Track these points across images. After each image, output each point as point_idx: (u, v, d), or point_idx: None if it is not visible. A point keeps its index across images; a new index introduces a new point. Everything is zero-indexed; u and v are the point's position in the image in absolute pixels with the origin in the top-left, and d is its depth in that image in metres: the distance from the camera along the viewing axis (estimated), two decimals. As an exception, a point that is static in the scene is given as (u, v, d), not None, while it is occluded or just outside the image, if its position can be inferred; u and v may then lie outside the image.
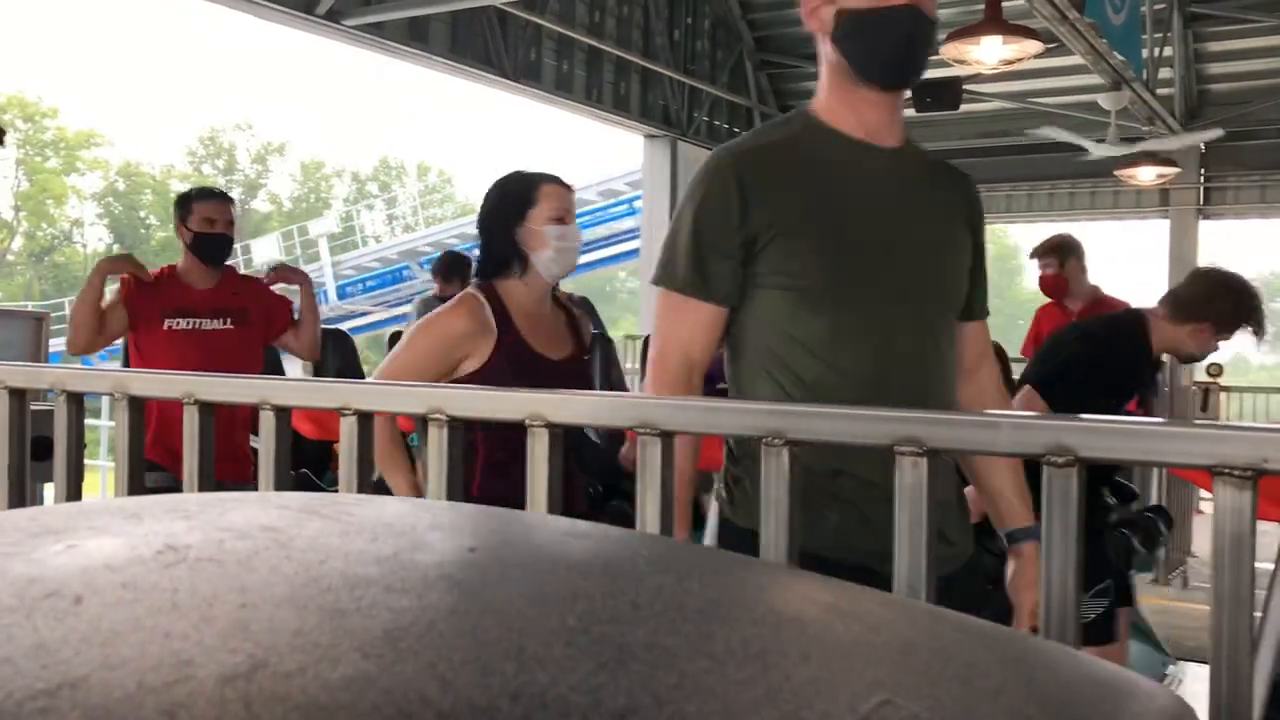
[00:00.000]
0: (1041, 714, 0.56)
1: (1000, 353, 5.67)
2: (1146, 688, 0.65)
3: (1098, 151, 8.83)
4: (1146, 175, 9.58)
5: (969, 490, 1.90)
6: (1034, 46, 6.40)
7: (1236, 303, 3.09)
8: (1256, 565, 1.19)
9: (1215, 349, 3.16)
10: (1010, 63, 6.59)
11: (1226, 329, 3.09)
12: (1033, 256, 5.74)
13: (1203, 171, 10.79)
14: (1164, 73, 9.64)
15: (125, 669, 0.45)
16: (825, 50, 1.83)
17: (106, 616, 0.50)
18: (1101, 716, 0.58)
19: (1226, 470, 1.14)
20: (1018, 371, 6.89)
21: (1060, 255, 5.52)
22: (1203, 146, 10.32)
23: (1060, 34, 6.91)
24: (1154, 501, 6.09)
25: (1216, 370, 8.79)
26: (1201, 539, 6.91)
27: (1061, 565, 1.26)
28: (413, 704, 0.45)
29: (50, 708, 0.42)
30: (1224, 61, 10.47)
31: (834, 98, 1.83)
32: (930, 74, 10.05)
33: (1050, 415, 1.29)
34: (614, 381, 5.32)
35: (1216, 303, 3.08)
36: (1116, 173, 9.70)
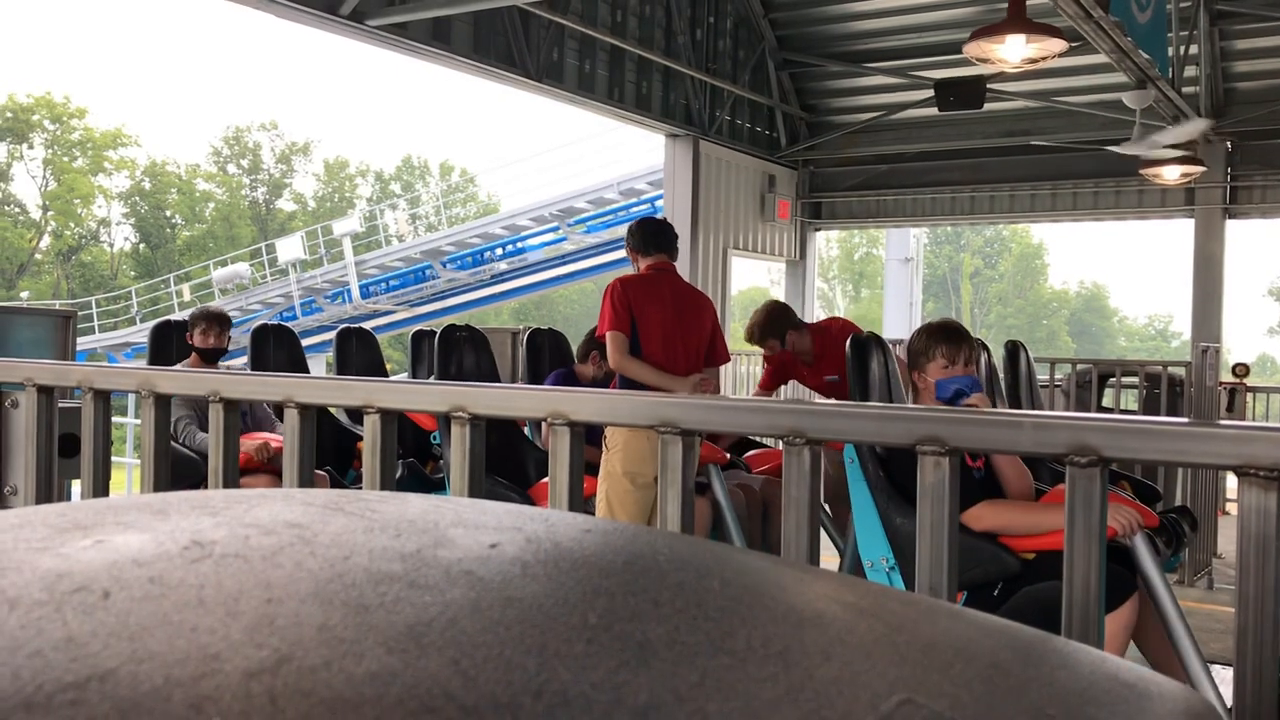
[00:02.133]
0: (1063, 713, 0.56)
1: (1020, 349, 5.65)
2: (1169, 688, 0.64)
3: (1125, 150, 8.75)
4: (1171, 174, 9.50)
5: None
6: (1058, 45, 6.35)
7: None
8: (1282, 567, 1.18)
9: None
10: (1034, 61, 6.54)
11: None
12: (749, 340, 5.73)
13: (1229, 170, 10.69)
14: (1189, 71, 9.56)
15: (153, 663, 0.46)
16: None
17: (134, 611, 0.50)
18: (1123, 716, 0.58)
19: (1252, 471, 1.13)
20: (1040, 370, 6.86)
21: (774, 336, 5.50)
22: (1228, 145, 10.22)
23: (1085, 32, 6.86)
24: (1178, 502, 6.04)
25: (1243, 370, 8.72)
26: (1227, 540, 6.84)
27: (1084, 565, 1.25)
28: (436, 699, 0.45)
29: (80, 700, 0.43)
30: (1250, 59, 10.37)
31: None
32: (953, 73, 10.03)
33: (1073, 415, 1.28)
34: None
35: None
36: (1141, 171, 9.63)
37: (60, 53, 57.64)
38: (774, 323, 5.42)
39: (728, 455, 4.57)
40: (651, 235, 4.50)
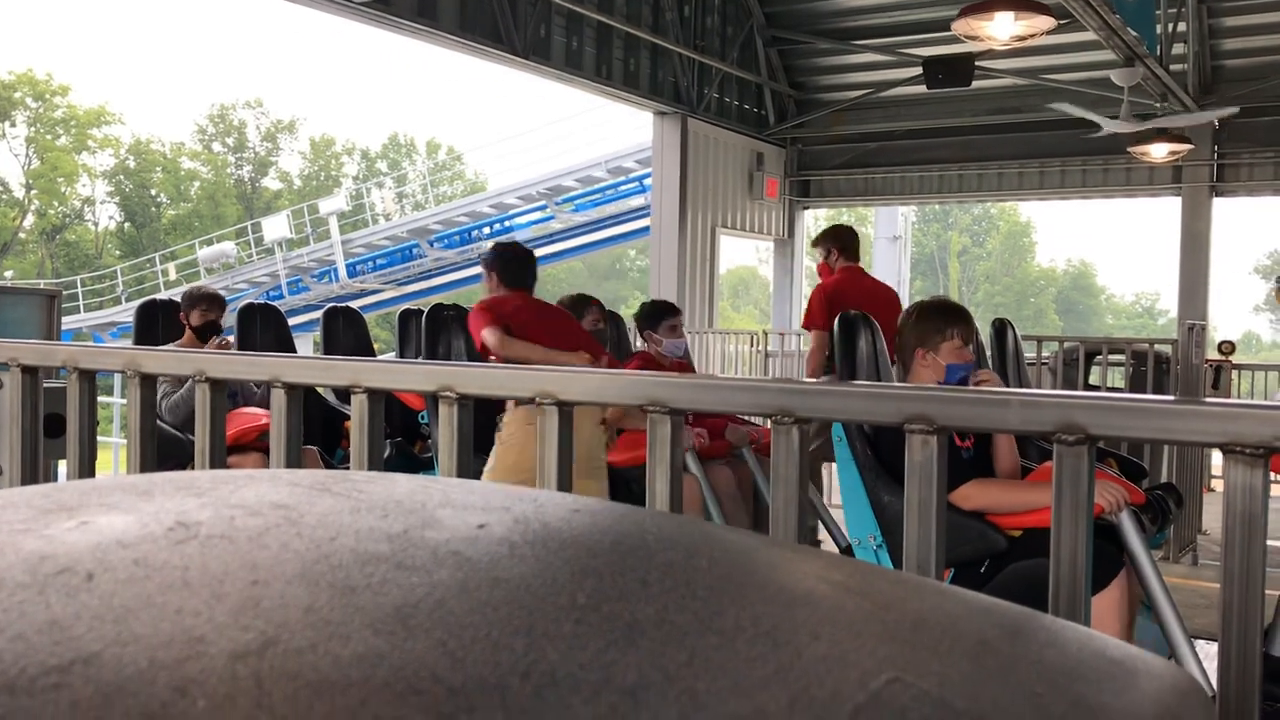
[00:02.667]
0: (1050, 691, 0.56)
1: (1007, 327, 5.68)
2: (1155, 665, 0.65)
3: (1111, 127, 8.76)
4: (1159, 152, 9.52)
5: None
6: (1046, 22, 6.35)
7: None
8: (1269, 543, 1.19)
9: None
10: (1022, 39, 6.54)
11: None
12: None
13: (1216, 148, 10.72)
14: (1177, 48, 9.56)
15: (137, 645, 0.46)
16: None
17: (118, 593, 0.50)
18: (1110, 693, 0.58)
19: (1238, 448, 1.14)
20: (1027, 349, 6.89)
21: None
22: (1216, 123, 10.24)
23: (1073, 9, 6.85)
24: (1164, 479, 6.08)
25: (1229, 348, 8.77)
26: (1212, 516, 6.89)
27: (1072, 543, 1.26)
28: (423, 680, 0.45)
29: (63, 684, 0.43)
30: (1238, 37, 10.38)
31: None
32: (942, 50, 10.01)
33: (1061, 393, 1.28)
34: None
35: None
36: (1129, 149, 9.64)
37: (42, 29, 57.08)
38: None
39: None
40: (515, 268, 4.62)
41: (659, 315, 5.23)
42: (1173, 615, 2.83)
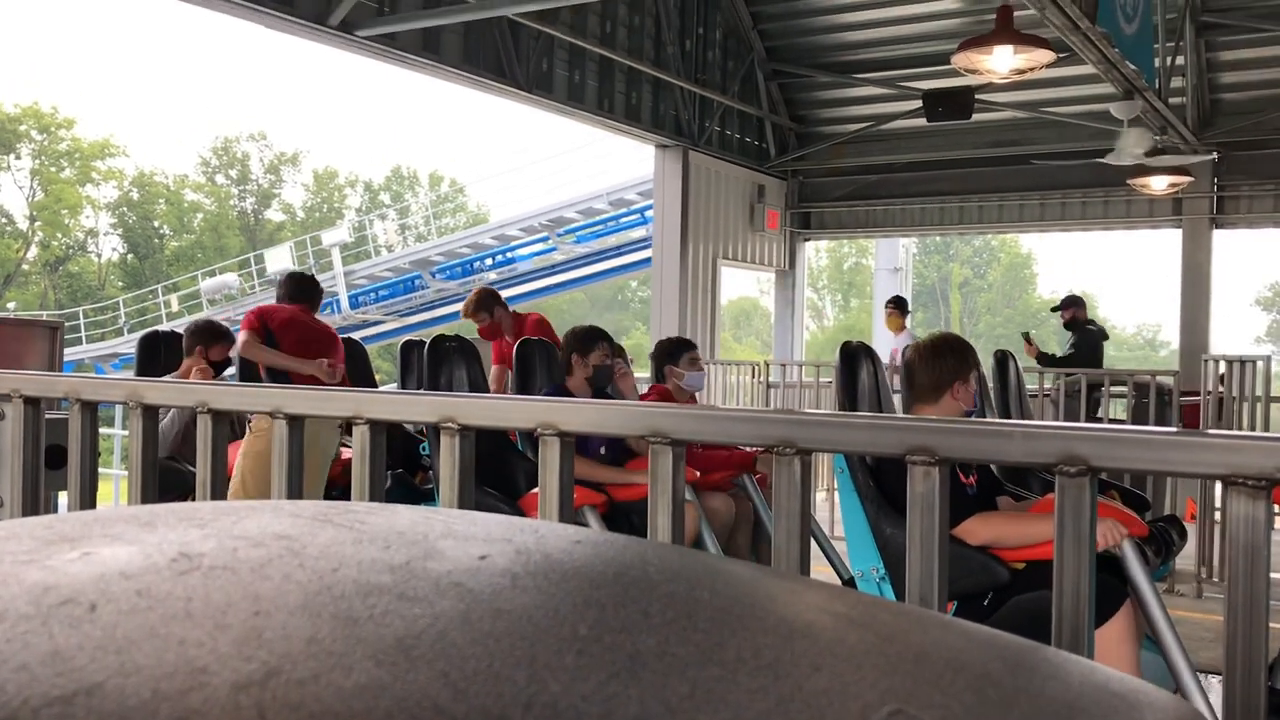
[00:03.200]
0: (1054, 724, 0.56)
1: (1009, 359, 5.68)
2: (1160, 698, 0.65)
3: (1119, 160, 8.80)
4: (1159, 184, 9.56)
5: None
6: (1046, 56, 6.40)
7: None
8: (1273, 575, 1.18)
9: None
10: (1022, 72, 6.59)
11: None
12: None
13: (1215, 180, 10.76)
14: (1176, 82, 9.62)
15: (140, 676, 0.46)
16: None
17: (121, 624, 0.50)
18: (1114, 727, 0.58)
19: (1240, 480, 1.13)
20: (1029, 380, 6.88)
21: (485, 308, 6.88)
22: (1215, 155, 10.29)
23: (1072, 43, 6.90)
24: (1167, 511, 6.05)
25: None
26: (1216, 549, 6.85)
27: (1074, 575, 1.26)
28: (425, 712, 0.45)
29: (66, 714, 0.43)
30: (1236, 71, 10.45)
31: None
32: (942, 83, 10.08)
33: (1062, 425, 1.28)
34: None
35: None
36: (1129, 182, 9.68)
37: (48, 63, 57.55)
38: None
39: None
40: (296, 287, 5.49)
41: (680, 350, 5.33)
42: (1177, 648, 2.81)
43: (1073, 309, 9.65)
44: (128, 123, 62.26)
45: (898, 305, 10.37)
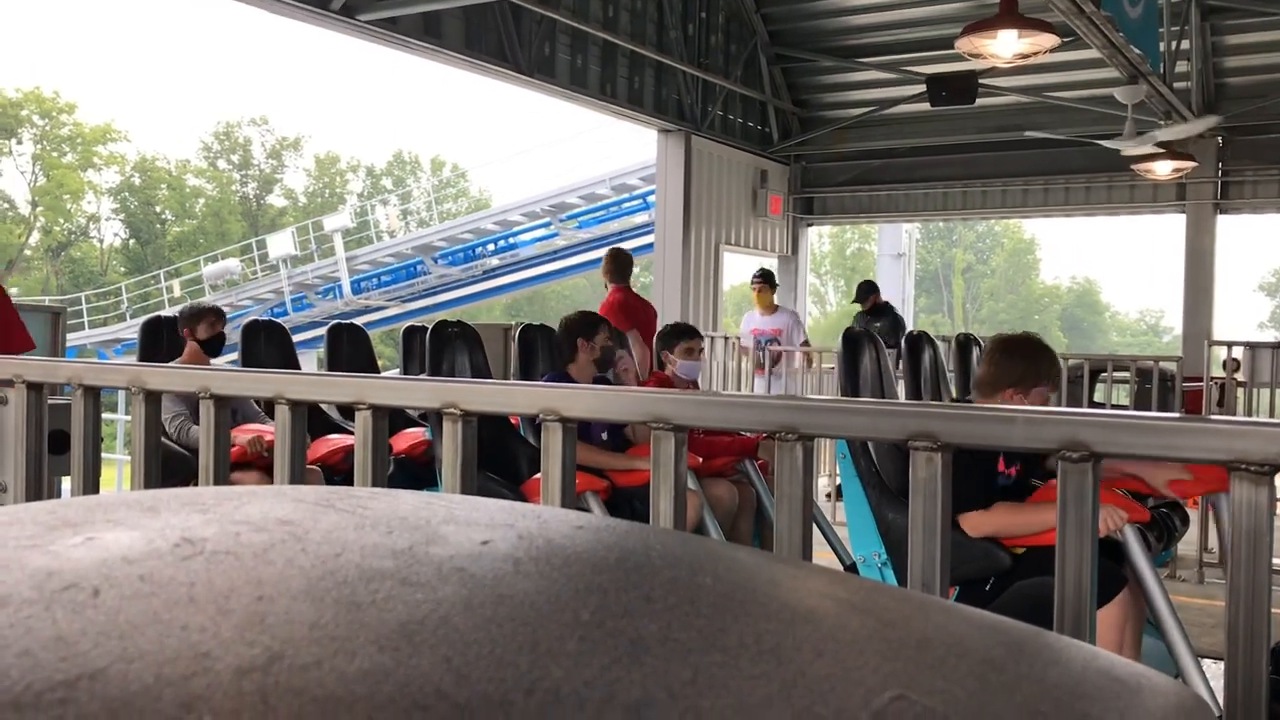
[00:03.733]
0: (1055, 709, 0.56)
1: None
2: (1161, 683, 0.65)
3: (1123, 149, 8.77)
4: (1163, 169, 9.53)
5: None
6: (1050, 40, 6.36)
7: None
8: (1276, 561, 1.18)
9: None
10: (1026, 56, 6.55)
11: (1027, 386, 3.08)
12: None
13: (1220, 165, 10.73)
14: (1181, 66, 9.58)
15: (143, 661, 0.46)
16: None
17: (124, 609, 0.50)
18: (1115, 712, 0.58)
19: (1243, 466, 1.13)
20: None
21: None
22: (1219, 140, 10.25)
23: (1076, 27, 6.87)
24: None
25: (1233, 365, 8.76)
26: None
27: (1077, 561, 1.26)
28: (428, 697, 0.45)
29: (69, 699, 0.43)
30: (1241, 55, 10.40)
31: None
32: (945, 68, 10.04)
33: (1065, 410, 1.28)
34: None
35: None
36: (1133, 167, 9.65)
37: (49, 48, 57.42)
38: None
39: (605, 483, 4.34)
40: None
41: (676, 336, 5.28)
42: (1178, 633, 2.82)
43: (874, 295, 9.73)
44: (129, 107, 62.19)
45: (765, 279, 9.21)
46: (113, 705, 0.43)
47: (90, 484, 2.24)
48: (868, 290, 9.90)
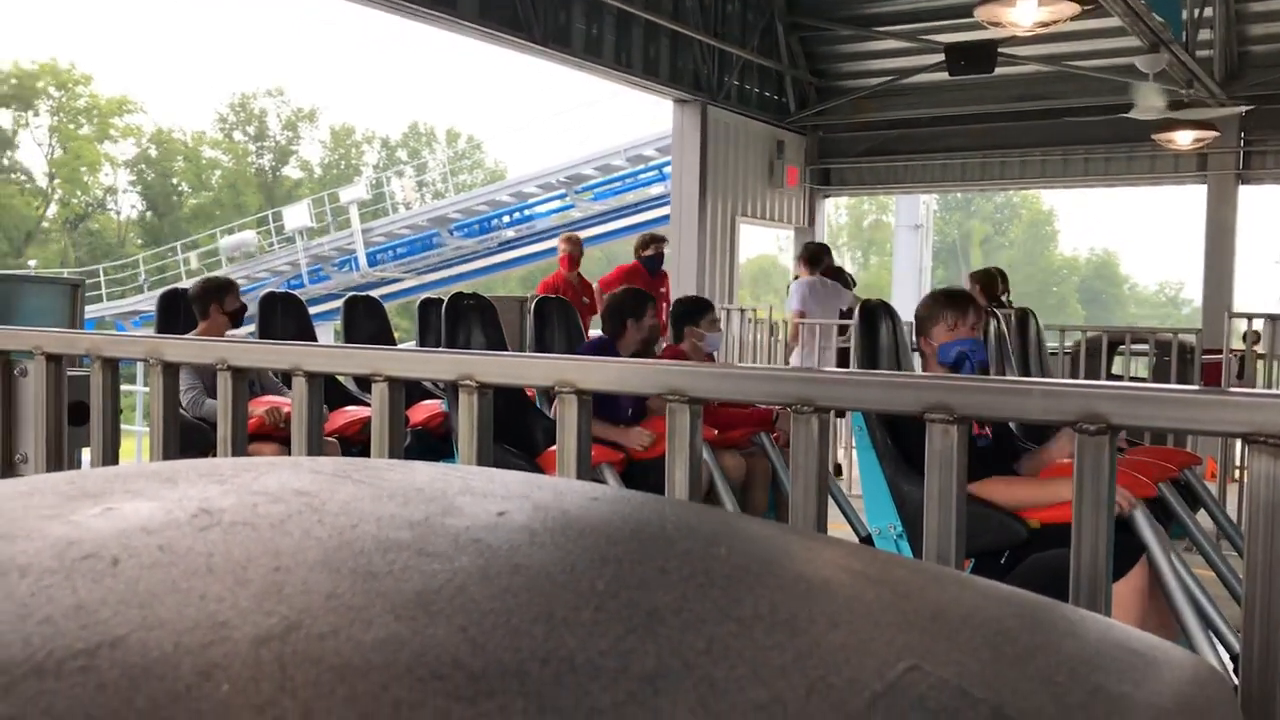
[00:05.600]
0: (1070, 680, 0.56)
1: (1030, 316, 5.64)
2: (1177, 655, 0.64)
3: (1141, 114, 8.68)
4: (1184, 139, 9.42)
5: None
6: (1070, 8, 6.29)
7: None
8: None
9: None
10: (1046, 25, 6.48)
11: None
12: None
13: (1242, 135, 10.60)
14: (1203, 34, 9.45)
15: (162, 630, 0.46)
16: None
17: (144, 578, 0.51)
18: (1131, 683, 0.58)
19: (1263, 438, 1.13)
20: (1050, 338, 6.84)
21: None
22: (1242, 110, 10.13)
23: (1097, -5, 6.79)
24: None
25: (1253, 338, 8.69)
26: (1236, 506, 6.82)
27: (1093, 533, 1.25)
28: (444, 666, 0.46)
29: (90, 666, 0.43)
30: (1265, 23, 10.25)
31: None
32: (964, 36, 9.94)
33: (1083, 383, 1.27)
34: None
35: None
36: (1154, 137, 9.54)
37: (65, 19, 57.37)
38: None
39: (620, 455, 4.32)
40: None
41: (701, 310, 5.29)
42: (1189, 607, 2.81)
43: (826, 258, 9.48)
44: (145, 79, 62.19)
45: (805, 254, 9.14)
46: (132, 673, 0.43)
47: (109, 455, 2.26)
48: (819, 252, 9.58)
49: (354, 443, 4.81)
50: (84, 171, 38.30)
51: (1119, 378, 8.16)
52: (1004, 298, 7.96)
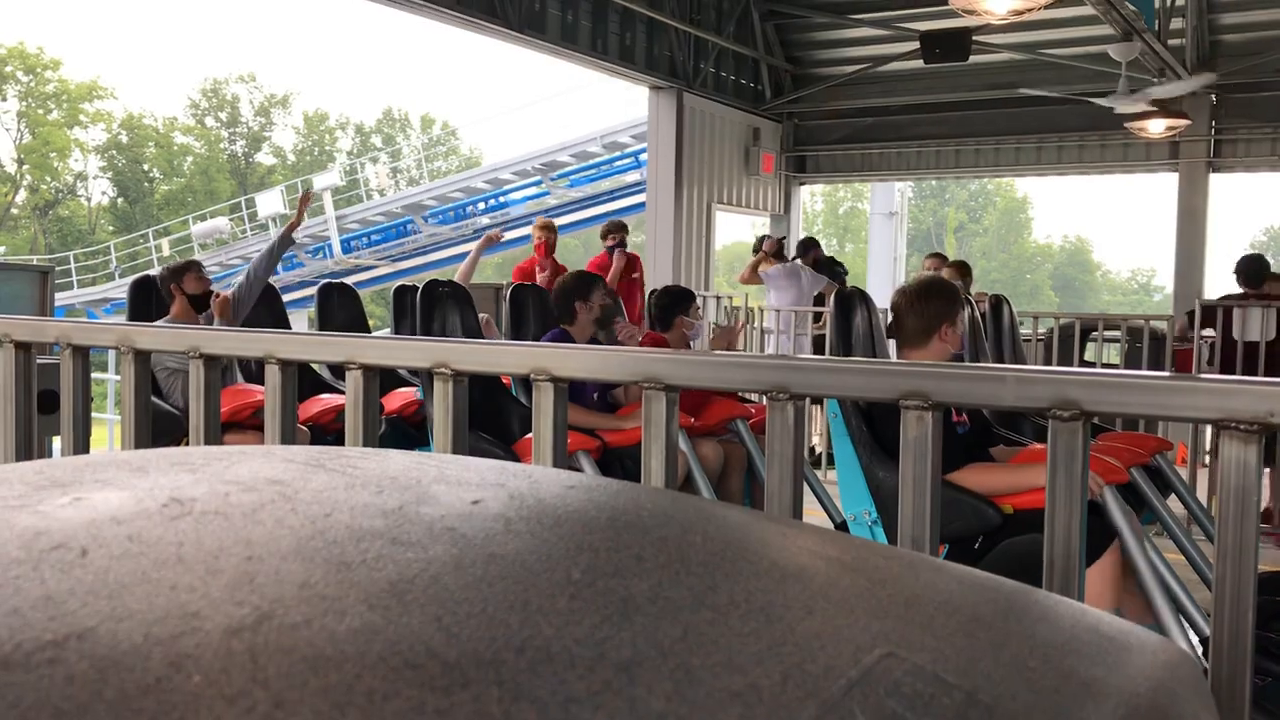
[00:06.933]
0: (1043, 665, 0.56)
1: (1003, 303, 5.67)
2: (1149, 639, 0.65)
3: (1116, 107, 8.73)
4: (1156, 128, 9.49)
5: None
6: (1044, -4, 6.31)
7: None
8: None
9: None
10: (1020, 13, 6.50)
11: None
12: None
13: (1213, 124, 10.68)
14: (1175, 23, 9.51)
15: (132, 621, 0.46)
16: None
17: (113, 569, 0.50)
18: (1102, 667, 0.59)
19: (1233, 424, 1.14)
20: (1023, 325, 6.88)
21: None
22: (1213, 99, 10.20)
23: (1071, -17, 6.82)
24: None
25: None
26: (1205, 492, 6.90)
27: (1066, 518, 1.26)
28: (419, 655, 0.45)
29: (58, 658, 0.43)
30: (1236, 12, 10.33)
31: None
32: (939, 24, 9.95)
33: (1056, 369, 1.28)
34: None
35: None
36: (1126, 125, 9.61)
37: (33, 2, 56.58)
38: None
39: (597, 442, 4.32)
40: None
41: (687, 299, 5.32)
42: (1160, 591, 2.85)
43: (814, 250, 9.69)
44: (116, 64, 61.40)
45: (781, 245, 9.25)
46: (102, 664, 0.43)
47: (80, 444, 2.24)
48: (807, 246, 9.81)
49: (328, 431, 4.79)
50: (53, 157, 37.84)
51: (1091, 364, 8.22)
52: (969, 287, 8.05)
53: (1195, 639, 2.84)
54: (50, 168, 37.97)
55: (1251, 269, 6.83)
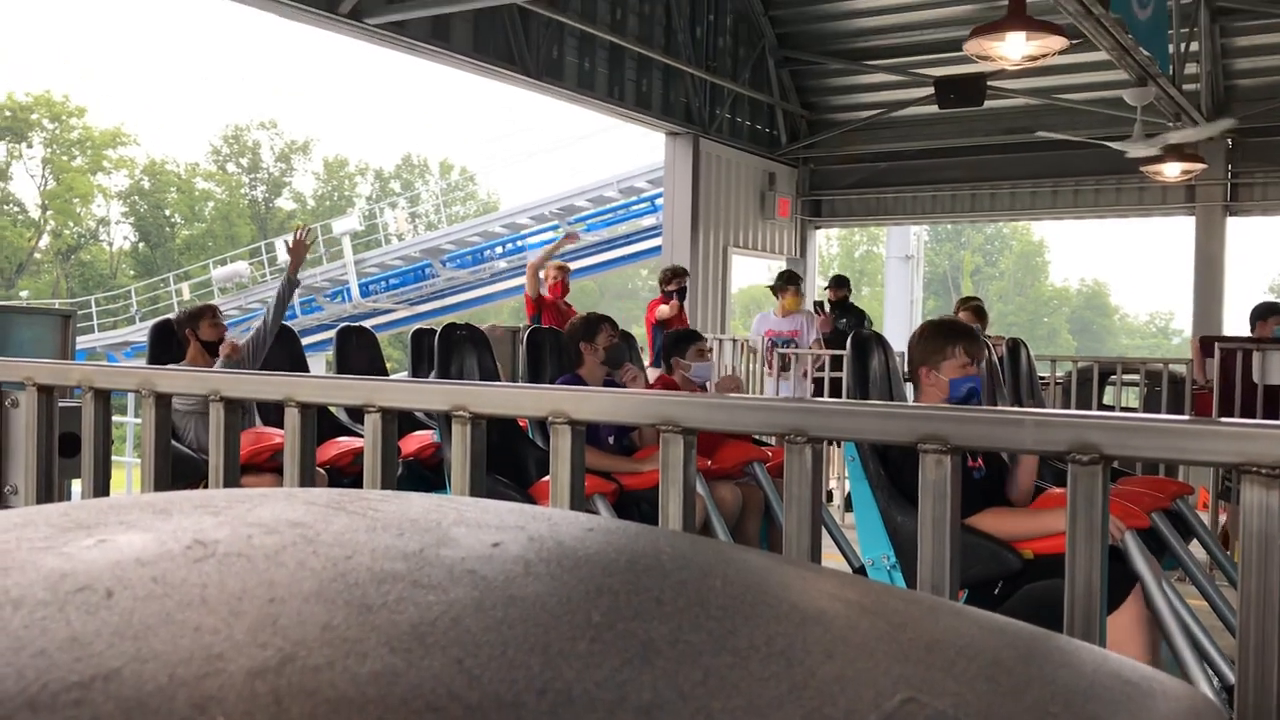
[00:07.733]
0: (1065, 712, 0.56)
1: (1021, 347, 5.65)
2: (1173, 687, 0.64)
3: (1130, 151, 8.75)
4: (1172, 171, 9.50)
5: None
6: (1058, 42, 6.35)
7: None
8: (1284, 564, 1.17)
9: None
10: (1034, 59, 6.54)
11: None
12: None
13: (1229, 167, 10.69)
14: (1190, 68, 9.55)
15: (157, 662, 0.46)
16: None
17: (138, 610, 0.50)
18: (1126, 714, 0.58)
19: (1254, 469, 1.13)
20: (1041, 368, 6.85)
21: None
22: (1229, 142, 10.22)
23: (1085, 29, 6.86)
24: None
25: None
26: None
27: (1086, 563, 1.25)
28: (440, 698, 0.45)
29: (84, 699, 0.43)
30: (1251, 57, 10.37)
31: None
32: (954, 70, 10.03)
33: (1075, 413, 1.28)
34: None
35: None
36: (1142, 169, 9.62)
37: (59, 51, 57.59)
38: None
39: (613, 485, 4.26)
40: None
41: (688, 340, 5.33)
42: (1183, 638, 2.81)
43: (845, 290, 9.72)
44: (139, 111, 62.30)
45: (793, 282, 8.91)
46: (127, 706, 0.43)
47: (101, 487, 2.25)
48: (840, 284, 9.85)
49: (345, 474, 4.79)
50: (76, 203, 38.32)
51: (1110, 408, 8.17)
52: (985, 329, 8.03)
53: (1221, 687, 2.80)
54: (73, 213, 38.44)
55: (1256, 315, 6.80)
